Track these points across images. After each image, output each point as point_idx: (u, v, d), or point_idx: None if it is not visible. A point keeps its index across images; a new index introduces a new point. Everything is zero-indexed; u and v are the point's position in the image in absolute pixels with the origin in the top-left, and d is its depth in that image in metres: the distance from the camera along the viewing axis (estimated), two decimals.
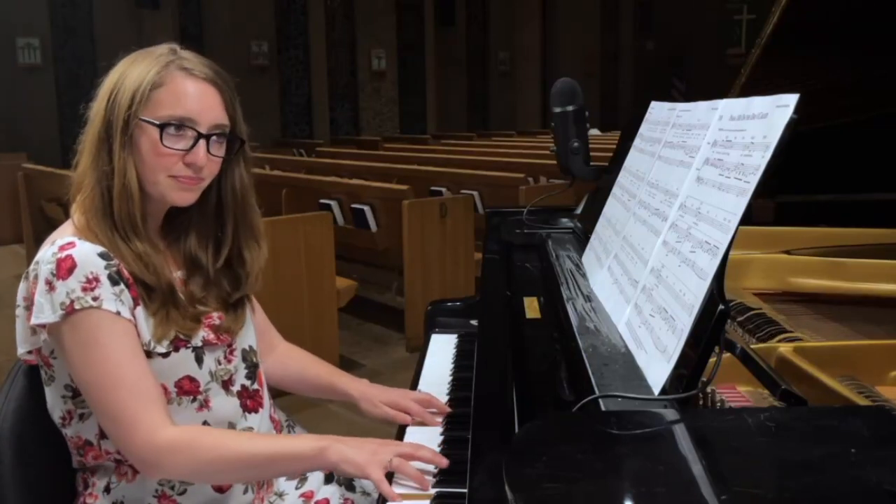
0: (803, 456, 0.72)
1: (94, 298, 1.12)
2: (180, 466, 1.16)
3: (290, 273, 3.68)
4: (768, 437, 0.76)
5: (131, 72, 1.20)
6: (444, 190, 5.26)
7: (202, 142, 1.19)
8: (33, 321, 1.14)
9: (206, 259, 1.29)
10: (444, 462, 1.16)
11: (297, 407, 2.99)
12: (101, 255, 1.15)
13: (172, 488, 1.23)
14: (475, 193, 5.03)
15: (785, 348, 1.09)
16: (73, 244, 1.15)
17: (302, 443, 1.22)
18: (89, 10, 10.05)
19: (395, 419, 1.38)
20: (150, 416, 1.14)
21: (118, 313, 1.14)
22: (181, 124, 1.18)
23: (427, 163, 6.88)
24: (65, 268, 1.12)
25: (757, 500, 0.67)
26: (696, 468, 0.70)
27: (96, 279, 1.13)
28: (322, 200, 4.82)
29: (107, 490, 1.23)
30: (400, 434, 1.36)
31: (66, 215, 1.25)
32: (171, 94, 1.18)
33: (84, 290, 1.12)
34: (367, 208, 4.55)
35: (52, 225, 1.20)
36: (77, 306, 1.12)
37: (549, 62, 15.86)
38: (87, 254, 1.14)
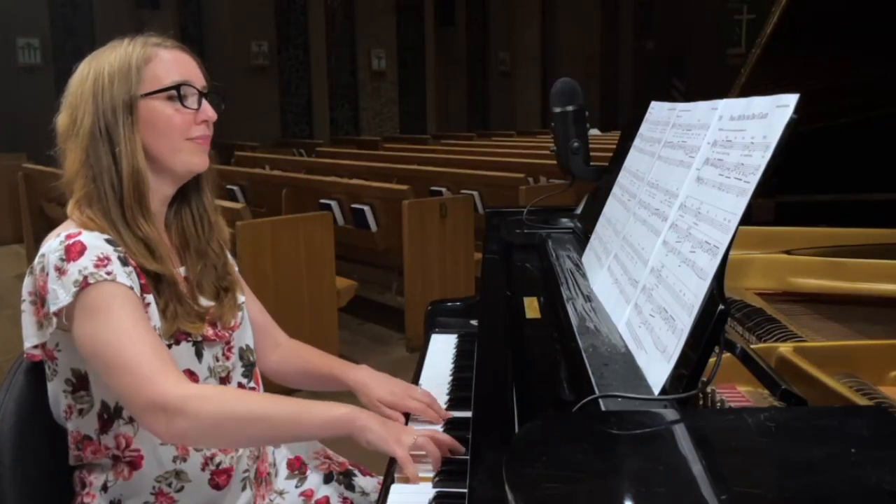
0: (803, 456, 0.72)
1: (108, 273, 1.13)
2: (204, 415, 1.10)
3: (290, 273, 3.68)
4: (768, 437, 0.76)
5: (107, 63, 1.22)
6: (444, 190, 5.25)
7: (204, 99, 1.25)
8: (52, 309, 1.12)
9: (195, 231, 1.31)
10: (461, 449, 1.15)
11: None
12: (109, 241, 1.16)
13: (170, 485, 1.23)
14: (475, 193, 5.02)
15: (785, 348, 1.09)
16: (79, 232, 1.16)
17: (328, 407, 1.16)
18: (89, 10, 10.06)
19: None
20: (171, 371, 1.12)
21: (131, 288, 1.15)
22: (185, 85, 1.23)
23: (427, 163, 6.88)
24: (75, 251, 1.13)
25: (757, 500, 0.67)
26: (696, 468, 0.70)
27: (107, 258, 1.14)
28: (322, 200, 4.81)
29: (104, 489, 1.23)
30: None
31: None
32: (162, 65, 1.23)
33: (97, 266, 1.13)
34: (367, 208, 4.55)
35: (52, 225, 1.21)
36: (91, 280, 1.12)
37: (549, 62, 15.86)
38: (96, 239, 1.16)
